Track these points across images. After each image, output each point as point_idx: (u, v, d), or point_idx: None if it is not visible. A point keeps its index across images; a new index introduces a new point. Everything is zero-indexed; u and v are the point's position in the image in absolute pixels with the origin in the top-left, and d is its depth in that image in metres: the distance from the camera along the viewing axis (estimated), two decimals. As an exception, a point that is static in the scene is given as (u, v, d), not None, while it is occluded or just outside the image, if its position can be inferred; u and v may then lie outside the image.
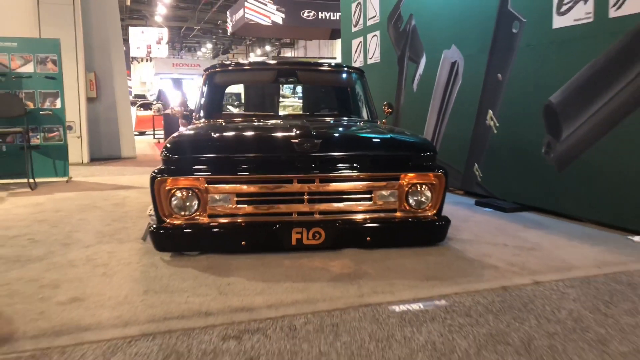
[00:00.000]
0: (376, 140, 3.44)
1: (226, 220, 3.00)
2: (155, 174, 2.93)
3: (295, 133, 3.06)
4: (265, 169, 3.02)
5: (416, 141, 3.39)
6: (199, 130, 3.51)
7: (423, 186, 3.15)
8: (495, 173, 4.78)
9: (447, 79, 5.42)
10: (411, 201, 3.15)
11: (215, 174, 2.97)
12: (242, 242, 2.98)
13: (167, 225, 2.96)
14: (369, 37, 7.20)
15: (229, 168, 2.99)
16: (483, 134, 4.88)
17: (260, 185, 2.99)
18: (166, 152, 3.00)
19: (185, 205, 2.96)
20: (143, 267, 2.83)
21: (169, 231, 2.95)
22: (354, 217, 3.10)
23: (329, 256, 2.97)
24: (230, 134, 3.44)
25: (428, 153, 3.22)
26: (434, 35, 5.63)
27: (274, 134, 3.34)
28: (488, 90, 4.81)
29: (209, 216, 3.00)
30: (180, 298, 2.35)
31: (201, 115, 4.16)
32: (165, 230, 2.94)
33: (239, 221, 3.00)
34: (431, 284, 2.55)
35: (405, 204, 3.15)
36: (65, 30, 7.97)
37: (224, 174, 2.98)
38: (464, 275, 2.70)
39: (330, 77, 4.75)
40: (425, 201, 3.17)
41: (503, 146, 4.63)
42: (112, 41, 9.17)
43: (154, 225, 2.97)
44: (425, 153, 3.22)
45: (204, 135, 3.35)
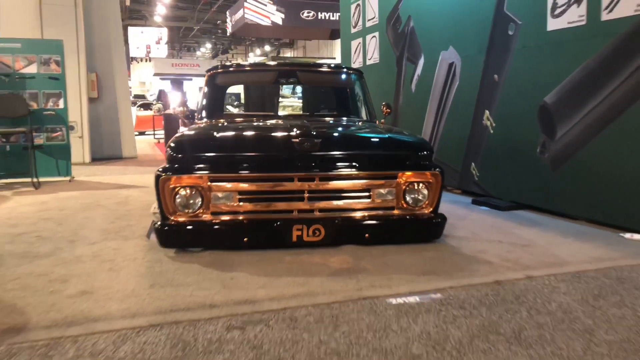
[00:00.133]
0: (375, 139, 3.53)
1: (229, 217, 3.09)
2: (159, 172, 3.01)
3: (295, 133, 3.15)
4: (266, 167, 3.11)
5: (413, 141, 3.48)
6: (201, 130, 3.60)
7: (420, 184, 3.24)
8: (492, 172, 4.87)
9: (445, 80, 5.52)
10: (408, 199, 3.24)
11: (218, 172, 3.05)
12: (245, 239, 3.07)
13: (172, 222, 3.04)
14: (368, 38, 7.29)
15: (232, 167, 3.08)
16: (480, 133, 4.97)
17: (261, 183, 3.08)
18: (170, 152, 3.09)
19: (189, 202, 3.05)
20: (148, 263, 2.92)
21: (173, 228, 3.04)
22: (353, 215, 3.19)
23: (328, 252, 3.06)
24: (233, 133, 3.53)
25: (425, 152, 3.31)
26: (432, 36, 5.72)
27: (275, 133, 3.43)
28: (485, 90, 4.90)
29: (212, 213, 3.08)
30: (185, 291, 2.44)
31: (203, 115, 4.25)
32: (169, 227, 3.03)
33: (241, 218, 3.09)
34: (427, 279, 2.64)
35: (403, 202, 3.24)
36: (68, 31, 8.05)
37: (227, 172, 3.07)
38: (459, 270, 2.79)
39: (330, 78, 4.85)
40: (422, 199, 3.26)
41: (499, 146, 4.72)
42: (113, 42, 9.26)
43: (159, 223, 3.06)
44: (422, 152, 3.31)
45: (206, 135, 3.43)
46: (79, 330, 2.02)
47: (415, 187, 3.24)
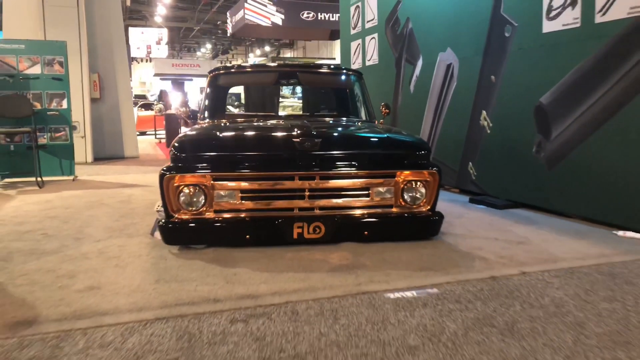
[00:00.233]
0: (373, 139, 3.61)
1: (231, 215, 3.17)
2: (164, 171, 3.09)
3: (296, 132, 3.23)
4: (267, 166, 3.18)
5: (411, 140, 3.56)
6: (204, 130, 3.67)
7: (418, 183, 3.32)
8: (489, 171, 4.95)
9: (443, 81, 5.60)
10: (406, 197, 3.32)
11: (221, 171, 3.13)
12: (247, 236, 3.15)
13: (175, 220, 3.12)
14: (367, 40, 7.37)
15: (234, 166, 3.16)
16: (477, 133, 5.05)
17: (263, 182, 3.16)
18: (174, 151, 3.17)
19: (193, 200, 3.13)
20: (153, 259, 2.99)
21: (177, 225, 3.11)
22: (352, 213, 3.27)
23: (328, 249, 3.14)
24: (235, 133, 3.61)
25: (423, 152, 3.39)
26: (430, 38, 5.80)
27: (276, 133, 3.50)
28: (482, 91, 4.98)
29: (214, 211, 3.16)
30: (189, 286, 2.52)
31: (205, 115, 4.33)
32: (173, 225, 3.11)
33: (243, 216, 3.17)
34: (424, 274, 2.72)
35: (401, 200, 3.32)
36: (70, 32, 8.13)
37: (229, 171, 3.15)
38: (456, 266, 2.87)
39: (330, 79, 4.93)
40: (420, 197, 3.33)
41: (496, 145, 4.80)
42: (115, 43, 9.34)
43: (163, 220, 3.14)
44: (420, 152, 3.39)
45: (209, 135, 3.51)
46: (88, 323, 2.09)
47: (413, 186, 3.31)
